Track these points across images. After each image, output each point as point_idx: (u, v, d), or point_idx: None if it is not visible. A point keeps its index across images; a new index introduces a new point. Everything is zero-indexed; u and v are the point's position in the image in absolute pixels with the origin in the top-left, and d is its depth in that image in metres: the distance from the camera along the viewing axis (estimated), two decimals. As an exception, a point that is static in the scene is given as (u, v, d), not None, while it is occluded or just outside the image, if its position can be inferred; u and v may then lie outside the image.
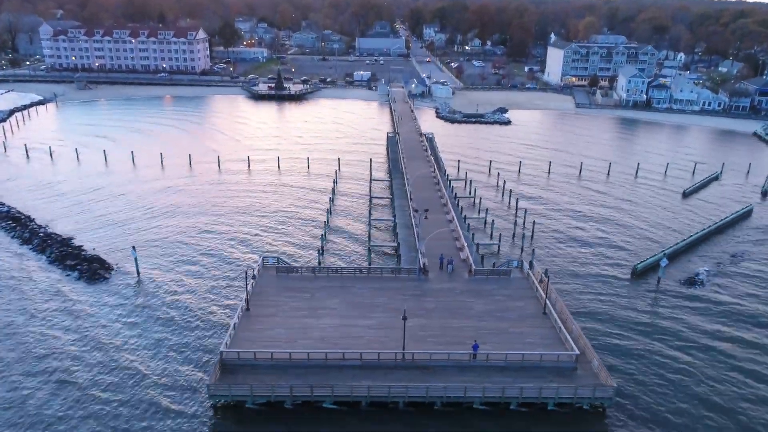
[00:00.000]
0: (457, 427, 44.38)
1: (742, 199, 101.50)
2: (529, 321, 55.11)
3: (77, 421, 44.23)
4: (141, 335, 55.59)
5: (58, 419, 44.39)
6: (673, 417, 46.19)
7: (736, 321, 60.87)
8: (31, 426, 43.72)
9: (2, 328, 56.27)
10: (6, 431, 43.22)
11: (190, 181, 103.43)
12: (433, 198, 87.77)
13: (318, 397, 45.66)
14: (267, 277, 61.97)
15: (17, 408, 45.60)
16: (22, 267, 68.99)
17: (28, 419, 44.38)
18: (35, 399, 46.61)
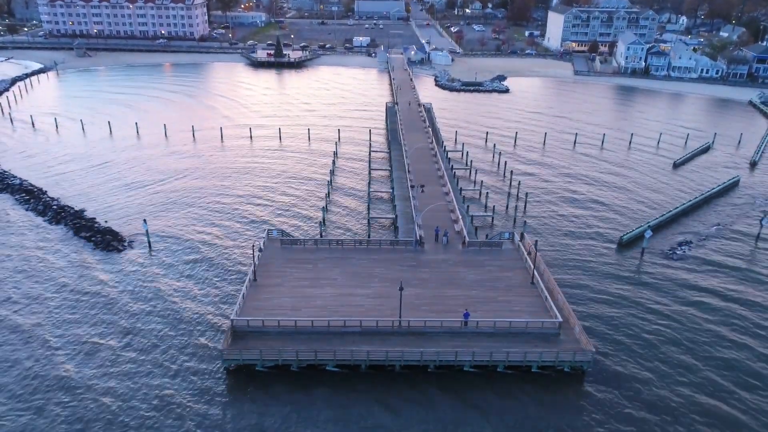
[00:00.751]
0: (448, 388, 48.76)
1: (731, 169, 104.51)
2: (517, 290, 59.09)
3: (106, 380, 48.56)
4: (155, 303, 59.63)
5: (89, 379, 48.75)
6: (649, 375, 50.47)
7: (711, 289, 64.78)
8: (66, 384, 48.12)
9: (29, 297, 60.25)
10: (44, 393, 47.57)
11: (194, 153, 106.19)
12: (431, 170, 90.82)
13: (321, 360, 49.94)
14: (272, 249, 65.70)
15: (50, 366, 49.93)
16: (41, 239, 72.65)
17: (62, 373, 48.76)
18: (66, 359, 50.90)
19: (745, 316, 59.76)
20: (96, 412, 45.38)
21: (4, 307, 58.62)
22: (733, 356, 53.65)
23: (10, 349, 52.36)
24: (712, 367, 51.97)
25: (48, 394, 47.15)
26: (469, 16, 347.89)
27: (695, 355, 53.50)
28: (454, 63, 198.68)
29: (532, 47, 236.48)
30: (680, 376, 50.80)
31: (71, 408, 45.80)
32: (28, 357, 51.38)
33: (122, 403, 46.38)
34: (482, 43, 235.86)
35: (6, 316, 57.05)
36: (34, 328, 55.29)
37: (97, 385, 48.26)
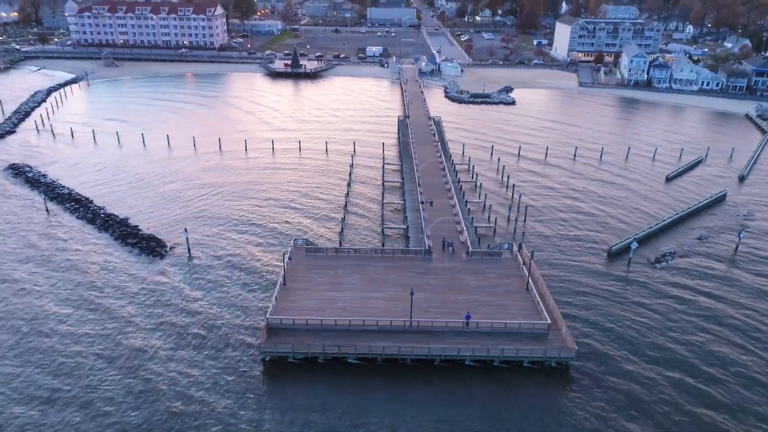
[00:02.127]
0: (451, 379, 57.32)
1: (720, 183, 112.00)
2: (513, 295, 67.55)
3: (167, 365, 57.66)
4: (198, 303, 68.71)
5: (154, 363, 57.87)
6: (627, 368, 58.68)
7: (690, 298, 72.73)
8: (129, 368, 57.26)
9: (89, 296, 69.59)
10: (113, 373, 56.77)
11: (222, 164, 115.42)
12: (439, 184, 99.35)
13: (344, 354, 58.72)
14: (298, 257, 74.58)
15: (118, 354, 59.12)
16: (93, 243, 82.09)
17: (125, 362, 57.92)
18: (138, 340, 60.12)
19: (720, 317, 67.74)
20: (162, 386, 54.48)
21: (70, 304, 67.97)
22: (707, 354, 61.72)
23: (87, 340, 61.66)
24: (685, 365, 60.13)
25: (124, 369, 56.36)
26: (479, 24, 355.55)
27: (667, 354, 61.63)
28: (463, 74, 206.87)
29: (540, 57, 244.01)
30: (652, 371, 58.99)
31: (148, 381, 54.94)
32: (102, 340, 60.65)
33: (178, 385, 55.41)
34: (491, 52, 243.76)
35: (74, 312, 66.36)
36: (102, 321, 64.57)
37: (161, 367, 57.33)
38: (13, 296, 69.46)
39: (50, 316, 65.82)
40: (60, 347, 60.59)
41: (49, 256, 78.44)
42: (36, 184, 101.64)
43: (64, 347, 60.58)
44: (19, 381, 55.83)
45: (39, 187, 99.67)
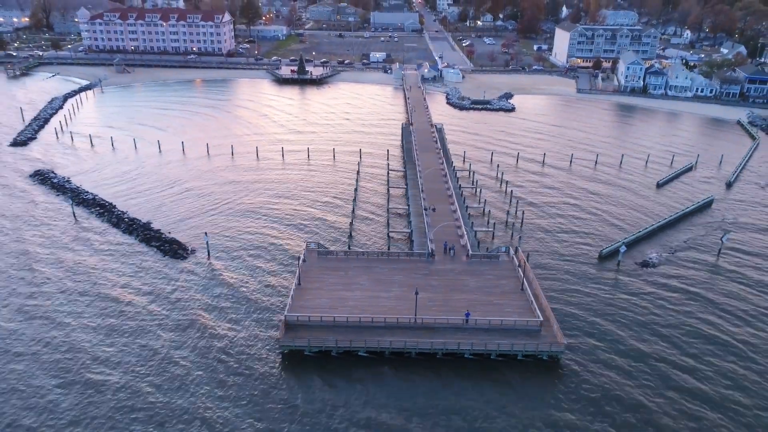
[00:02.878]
0: (452, 371, 63.35)
1: (708, 189, 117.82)
2: (509, 295, 73.58)
3: (186, 353, 63.77)
4: (219, 300, 74.84)
5: (178, 349, 64.01)
6: (613, 361, 64.71)
7: (673, 298, 78.68)
8: (157, 361, 63.39)
9: (119, 294, 75.76)
10: (138, 364, 62.94)
11: (235, 170, 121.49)
12: (441, 190, 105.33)
13: (355, 347, 64.79)
14: (311, 259, 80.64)
15: (148, 350, 65.28)
16: (119, 245, 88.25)
17: (152, 352, 64.06)
18: (155, 341, 66.25)
19: (701, 316, 73.71)
20: (193, 373, 60.61)
21: (102, 300, 74.14)
22: (683, 346, 67.71)
23: (123, 328, 67.83)
24: (663, 358, 66.13)
25: (153, 357, 62.52)
26: (481, 29, 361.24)
27: (650, 348, 67.61)
28: (464, 80, 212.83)
29: (540, 62, 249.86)
30: (636, 364, 64.98)
31: (184, 368, 61.07)
32: (136, 332, 66.86)
33: (204, 369, 61.59)
34: (492, 58, 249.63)
35: (108, 306, 72.54)
36: (134, 317, 70.77)
37: (190, 358, 63.48)
38: (52, 298, 75.68)
39: (90, 316, 71.99)
40: (108, 341, 66.78)
41: (80, 260, 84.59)
42: (61, 189, 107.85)
43: (111, 341, 66.77)
44: (77, 365, 62.05)
45: (65, 193, 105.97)
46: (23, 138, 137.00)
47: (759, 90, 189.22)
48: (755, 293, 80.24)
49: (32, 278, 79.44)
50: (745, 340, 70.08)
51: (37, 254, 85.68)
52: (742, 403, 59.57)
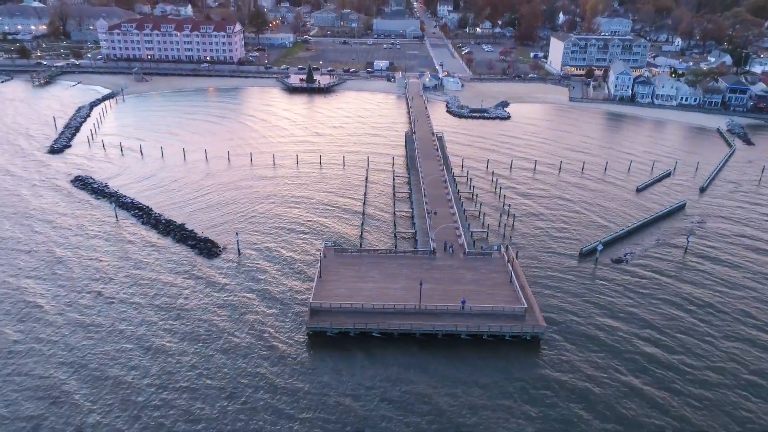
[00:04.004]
0: (450, 348, 75.90)
1: (683, 194, 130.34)
2: (499, 287, 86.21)
3: (231, 337, 76.37)
4: (252, 292, 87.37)
5: (221, 331, 76.57)
6: (587, 341, 77.27)
7: (642, 290, 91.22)
8: (200, 340, 75.97)
9: (164, 288, 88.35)
10: (189, 347, 75.49)
11: (255, 175, 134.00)
12: (441, 195, 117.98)
13: (369, 329, 77.41)
14: (329, 256, 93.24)
15: (191, 336, 77.88)
16: (159, 245, 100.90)
17: (194, 339, 76.62)
18: (204, 320, 78.86)
19: (667, 305, 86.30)
20: (235, 350, 73.25)
21: (152, 298, 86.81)
22: (649, 334, 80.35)
23: (166, 317, 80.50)
24: (631, 333, 78.78)
25: (207, 339, 75.16)
26: (480, 36, 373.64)
27: (620, 332, 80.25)
28: (464, 88, 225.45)
29: (536, 71, 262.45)
30: (607, 345, 77.63)
31: (225, 346, 73.69)
32: (184, 322, 79.52)
33: (240, 356, 74.25)
34: (490, 66, 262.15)
35: (160, 292, 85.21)
36: (174, 306, 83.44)
37: (227, 336, 76.14)
38: (121, 285, 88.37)
39: (139, 306, 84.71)
40: (160, 325, 79.49)
41: (124, 257, 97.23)
42: (101, 194, 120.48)
43: (164, 325, 79.47)
44: (136, 351, 74.75)
45: (105, 197, 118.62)
46: (59, 146, 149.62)
47: (739, 99, 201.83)
48: (714, 284, 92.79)
49: (95, 272, 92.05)
50: (702, 319, 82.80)
51: (94, 251, 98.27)
52: (693, 366, 72.14)
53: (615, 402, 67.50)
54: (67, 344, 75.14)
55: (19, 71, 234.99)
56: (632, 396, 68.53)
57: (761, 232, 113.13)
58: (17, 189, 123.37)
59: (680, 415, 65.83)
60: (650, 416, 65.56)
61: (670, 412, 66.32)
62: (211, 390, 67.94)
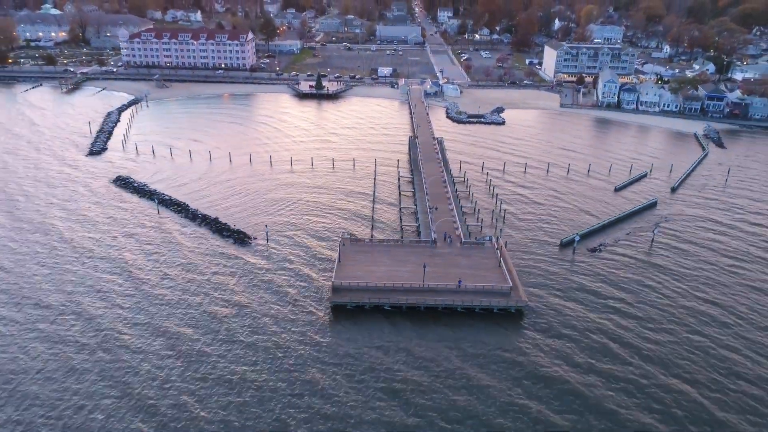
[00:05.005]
0: (449, 319, 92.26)
1: (656, 193, 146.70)
2: (490, 270, 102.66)
3: (266, 308, 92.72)
4: (281, 273, 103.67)
5: (258, 305, 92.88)
6: (563, 313, 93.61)
7: (613, 274, 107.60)
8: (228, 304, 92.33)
9: (209, 270, 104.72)
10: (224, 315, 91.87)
11: (275, 175, 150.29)
12: (441, 193, 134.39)
13: (381, 303, 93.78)
14: (345, 244, 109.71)
15: (239, 304, 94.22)
16: (198, 236, 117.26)
17: (227, 307, 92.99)
18: (240, 296, 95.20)
19: (635, 290, 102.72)
20: (267, 323, 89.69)
21: (201, 278, 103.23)
22: (616, 305, 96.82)
23: (216, 293, 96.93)
24: (601, 305, 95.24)
25: (230, 316, 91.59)
26: (478, 42, 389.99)
27: (592, 308, 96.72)
28: (462, 95, 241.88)
29: (530, 77, 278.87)
30: (581, 317, 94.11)
31: (255, 319, 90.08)
32: (223, 299, 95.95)
33: (264, 323, 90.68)
34: (487, 73, 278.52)
35: (199, 281, 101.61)
36: (216, 287, 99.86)
37: (261, 309, 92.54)
38: (172, 267, 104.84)
39: (192, 284, 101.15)
40: (216, 298, 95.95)
41: (168, 246, 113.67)
42: (142, 192, 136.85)
43: (218, 298, 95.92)
44: (177, 333, 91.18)
45: (145, 195, 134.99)
46: (97, 149, 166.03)
47: (716, 106, 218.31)
48: (673, 269, 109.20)
49: (152, 255, 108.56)
50: (663, 294, 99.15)
51: (147, 241, 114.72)
52: (649, 328, 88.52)
53: (588, 356, 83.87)
54: (143, 309, 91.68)
55: (47, 77, 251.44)
56: (598, 350, 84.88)
57: (720, 226, 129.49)
58: (69, 189, 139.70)
59: (636, 362, 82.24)
60: (615, 364, 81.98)
61: (630, 361, 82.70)
62: (261, 344, 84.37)
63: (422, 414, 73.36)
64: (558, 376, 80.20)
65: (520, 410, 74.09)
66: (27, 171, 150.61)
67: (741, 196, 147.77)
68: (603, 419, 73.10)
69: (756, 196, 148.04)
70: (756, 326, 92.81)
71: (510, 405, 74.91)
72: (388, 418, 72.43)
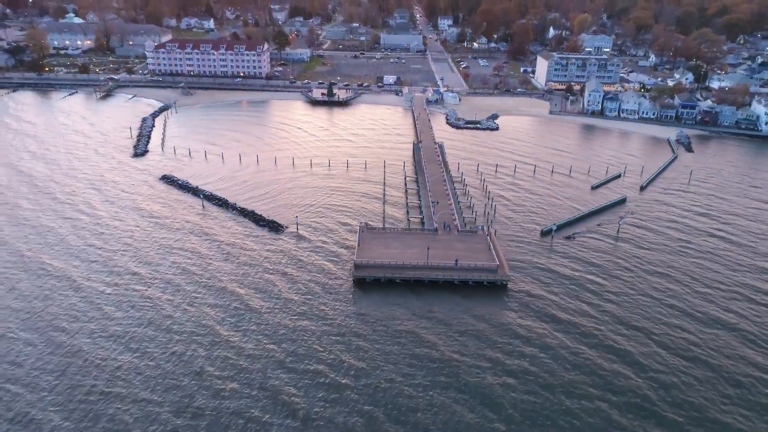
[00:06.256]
0: (447, 290, 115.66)
1: (626, 192, 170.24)
2: (481, 252, 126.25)
3: (299, 284, 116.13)
4: (310, 254, 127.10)
5: (293, 278, 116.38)
6: (541, 286, 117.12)
7: (585, 257, 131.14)
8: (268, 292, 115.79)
9: (250, 249, 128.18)
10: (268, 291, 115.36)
11: (297, 175, 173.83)
12: (441, 191, 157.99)
13: (394, 277, 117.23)
14: (363, 232, 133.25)
15: (276, 282, 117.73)
16: (240, 225, 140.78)
17: (268, 285, 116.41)
18: (274, 276, 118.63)
19: (601, 265, 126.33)
20: (300, 287, 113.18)
21: (244, 259, 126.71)
22: (583, 278, 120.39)
23: (258, 268, 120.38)
24: (571, 278, 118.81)
25: (269, 290, 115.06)
26: (477, 50, 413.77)
27: (565, 282, 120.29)
28: (461, 102, 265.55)
29: (524, 86, 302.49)
30: (556, 291, 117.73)
31: (287, 295, 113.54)
32: (263, 278, 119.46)
33: (302, 293, 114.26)
34: (484, 81, 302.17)
35: (245, 255, 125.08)
36: (255, 266, 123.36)
37: (300, 279, 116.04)
38: (222, 248, 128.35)
39: (240, 266, 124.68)
40: (261, 275, 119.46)
41: (213, 234, 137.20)
42: (186, 188, 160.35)
43: (263, 276, 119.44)
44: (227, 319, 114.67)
45: (190, 191, 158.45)
46: (140, 151, 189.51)
47: (689, 114, 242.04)
48: (634, 252, 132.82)
49: (205, 242, 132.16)
50: (623, 273, 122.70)
51: (200, 229, 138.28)
52: (613, 287, 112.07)
53: (557, 315, 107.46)
54: (214, 277, 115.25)
55: (81, 85, 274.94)
56: (568, 309, 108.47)
57: (678, 218, 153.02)
58: (123, 187, 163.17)
59: (594, 315, 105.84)
60: (582, 320, 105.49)
61: (595, 317, 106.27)
62: (297, 312, 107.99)
63: (430, 346, 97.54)
64: (532, 329, 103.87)
65: (501, 347, 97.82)
66: (86, 170, 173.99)
67: (700, 193, 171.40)
68: (559, 359, 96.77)
69: (711, 193, 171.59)
70: (700, 286, 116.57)
71: (495, 344, 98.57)
72: (404, 348, 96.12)
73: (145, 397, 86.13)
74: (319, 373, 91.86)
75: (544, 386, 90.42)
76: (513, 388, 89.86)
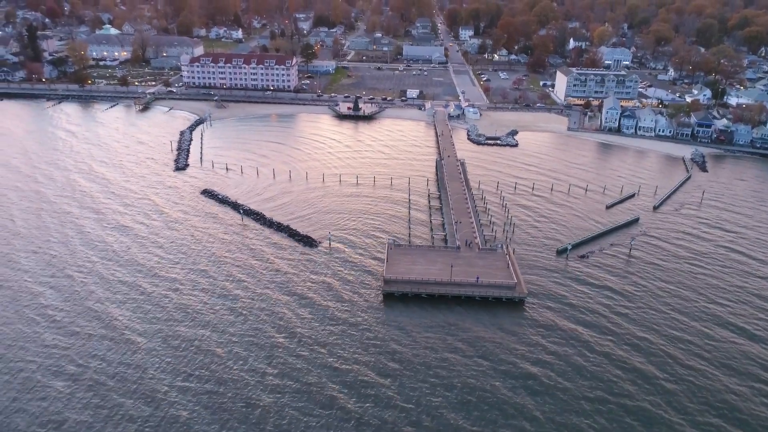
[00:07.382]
0: (469, 306, 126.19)
1: (640, 211, 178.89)
2: (501, 270, 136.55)
3: (331, 296, 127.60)
4: (344, 268, 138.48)
5: (328, 286, 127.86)
6: (556, 303, 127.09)
7: (598, 276, 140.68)
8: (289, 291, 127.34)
9: (284, 262, 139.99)
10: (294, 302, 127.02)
11: (328, 191, 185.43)
12: (463, 209, 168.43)
13: (420, 292, 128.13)
14: (392, 248, 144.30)
15: (314, 293, 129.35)
16: (276, 240, 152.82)
17: (291, 294, 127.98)
18: (308, 290, 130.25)
19: (614, 285, 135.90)
20: (333, 305, 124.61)
21: (273, 274, 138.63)
22: (601, 301, 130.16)
23: (295, 279, 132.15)
24: (585, 295, 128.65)
25: (313, 300, 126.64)
26: (497, 62, 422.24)
27: (580, 301, 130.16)
28: (481, 117, 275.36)
29: (543, 100, 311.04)
30: (571, 299, 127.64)
31: (324, 304, 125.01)
32: (294, 291, 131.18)
33: (339, 304, 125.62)
34: (504, 95, 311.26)
35: (273, 275, 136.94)
36: (288, 279, 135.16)
37: (334, 293, 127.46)
38: (258, 257, 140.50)
39: (278, 275, 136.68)
40: (297, 284, 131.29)
41: (252, 247, 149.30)
42: (225, 202, 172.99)
43: (298, 284, 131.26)
44: (255, 331, 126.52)
45: (229, 205, 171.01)
46: (181, 165, 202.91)
47: (705, 132, 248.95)
48: (645, 271, 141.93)
49: (244, 253, 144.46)
50: (634, 283, 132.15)
51: (242, 242, 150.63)
52: (623, 303, 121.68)
53: (571, 330, 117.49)
54: (259, 283, 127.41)
55: (121, 97, 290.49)
56: (580, 322, 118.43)
57: (689, 236, 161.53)
58: (167, 201, 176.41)
59: (612, 330, 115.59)
60: (591, 331, 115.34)
61: (606, 326, 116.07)
62: (330, 320, 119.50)
63: (454, 349, 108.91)
64: (545, 342, 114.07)
65: (515, 355, 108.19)
66: (133, 186, 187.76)
67: (712, 213, 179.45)
68: (571, 366, 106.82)
69: (724, 215, 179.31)
70: (708, 301, 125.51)
71: (512, 351, 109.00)
72: (430, 352, 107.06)
73: (210, 389, 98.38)
74: (362, 374, 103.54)
75: (557, 388, 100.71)
76: (531, 389, 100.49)
